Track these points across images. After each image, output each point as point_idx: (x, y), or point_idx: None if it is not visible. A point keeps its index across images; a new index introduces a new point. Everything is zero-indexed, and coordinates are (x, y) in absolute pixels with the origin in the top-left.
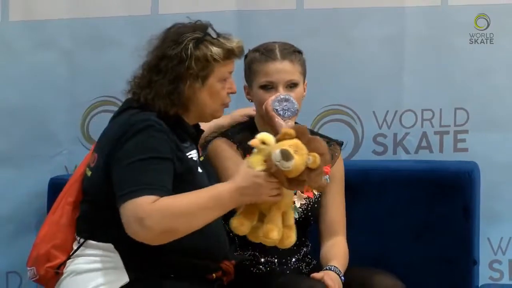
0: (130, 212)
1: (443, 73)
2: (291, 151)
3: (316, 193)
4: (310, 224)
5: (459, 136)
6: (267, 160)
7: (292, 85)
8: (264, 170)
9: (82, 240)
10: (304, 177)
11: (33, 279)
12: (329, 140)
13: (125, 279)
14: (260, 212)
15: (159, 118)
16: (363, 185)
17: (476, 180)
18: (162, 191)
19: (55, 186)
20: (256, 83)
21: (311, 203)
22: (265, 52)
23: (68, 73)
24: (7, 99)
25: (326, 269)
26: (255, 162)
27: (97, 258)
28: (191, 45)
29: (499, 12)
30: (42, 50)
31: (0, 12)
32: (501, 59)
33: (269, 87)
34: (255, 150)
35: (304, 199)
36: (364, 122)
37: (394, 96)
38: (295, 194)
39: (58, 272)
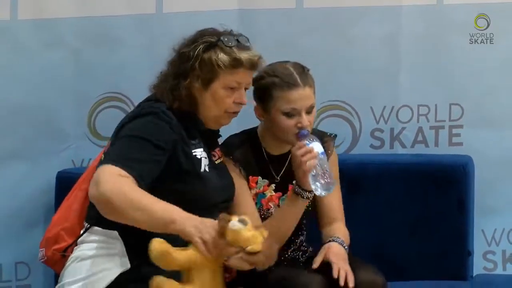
0: (98, 173)
1: (439, 70)
2: (248, 227)
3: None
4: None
5: (454, 131)
6: (226, 219)
7: (311, 108)
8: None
9: (88, 226)
10: (232, 250)
11: (41, 260)
12: (323, 135)
13: (126, 265)
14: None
15: (170, 111)
16: (360, 178)
17: (470, 173)
18: (134, 171)
19: (63, 180)
20: (277, 108)
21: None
22: (285, 77)
23: (75, 70)
24: (16, 96)
25: (329, 241)
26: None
27: (101, 245)
28: (201, 47)
29: (499, 12)
30: (50, 48)
31: (9, 10)
32: (496, 57)
33: (292, 113)
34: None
35: None
36: (362, 117)
37: (391, 92)
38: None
39: (64, 255)
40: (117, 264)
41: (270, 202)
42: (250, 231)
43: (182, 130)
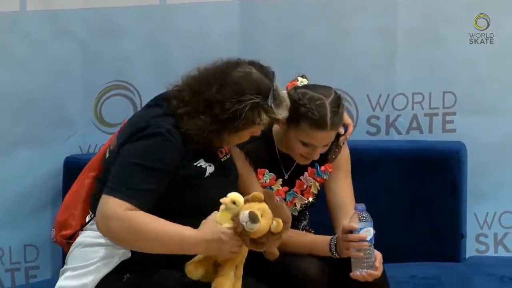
0: (104, 206)
1: (433, 60)
2: (259, 214)
3: (315, 192)
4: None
5: (447, 118)
6: (235, 219)
7: (328, 144)
8: (230, 228)
9: (93, 215)
10: (265, 240)
11: (52, 240)
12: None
13: (127, 254)
14: (215, 261)
15: (176, 128)
16: (357, 164)
17: (463, 158)
18: (141, 203)
19: (70, 165)
20: (297, 135)
21: (310, 202)
22: (318, 117)
23: (82, 60)
24: (25, 85)
25: None
26: (223, 219)
27: None
28: (247, 108)
29: (499, 12)
30: (58, 38)
31: (19, 1)
32: (489, 50)
33: (308, 145)
34: (222, 207)
35: (305, 200)
36: (359, 104)
37: (387, 81)
38: (296, 196)
39: (69, 242)
40: (118, 253)
41: (277, 196)
42: (262, 220)
43: (186, 147)
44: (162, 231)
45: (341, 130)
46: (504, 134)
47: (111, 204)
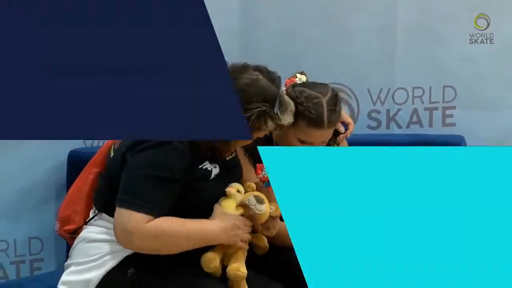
0: (122, 220)
1: (432, 58)
2: (265, 200)
3: None
4: None
5: (447, 112)
6: (244, 205)
7: (326, 141)
8: (241, 215)
9: (97, 211)
10: (269, 224)
11: (56, 232)
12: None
13: (130, 251)
14: (224, 254)
15: None
16: None
17: None
18: (159, 214)
19: (74, 159)
20: (295, 133)
21: None
22: (315, 116)
23: None
24: None
25: None
26: (229, 207)
27: (107, 230)
28: (254, 116)
29: (499, 12)
30: None
31: None
32: (489, 47)
33: (305, 143)
34: (222, 199)
35: None
36: (360, 99)
37: (387, 75)
38: None
39: (73, 236)
40: (122, 248)
41: None
42: (266, 204)
43: (193, 153)
44: (184, 232)
45: (342, 129)
46: (503, 128)
47: (133, 220)
